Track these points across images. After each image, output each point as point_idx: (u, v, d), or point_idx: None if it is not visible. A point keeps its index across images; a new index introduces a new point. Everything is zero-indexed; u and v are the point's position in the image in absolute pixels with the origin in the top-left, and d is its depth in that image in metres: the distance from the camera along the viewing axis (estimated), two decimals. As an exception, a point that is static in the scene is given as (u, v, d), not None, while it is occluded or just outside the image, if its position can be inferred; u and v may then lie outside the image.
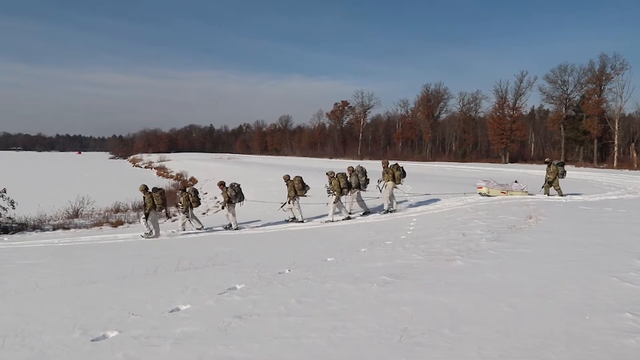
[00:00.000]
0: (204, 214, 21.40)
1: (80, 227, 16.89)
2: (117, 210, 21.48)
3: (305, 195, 14.99)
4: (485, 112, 74.38)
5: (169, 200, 25.21)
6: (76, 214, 19.94)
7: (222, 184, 14.86)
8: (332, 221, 14.04)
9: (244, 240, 11.55)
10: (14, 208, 16.38)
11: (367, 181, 14.92)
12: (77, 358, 3.63)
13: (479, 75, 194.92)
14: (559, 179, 15.87)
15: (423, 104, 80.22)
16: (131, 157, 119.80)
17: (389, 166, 14.69)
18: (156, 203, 13.39)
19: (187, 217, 14.42)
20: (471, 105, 77.63)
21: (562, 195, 15.47)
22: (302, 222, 14.38)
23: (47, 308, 5.30)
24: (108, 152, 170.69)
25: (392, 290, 5.14)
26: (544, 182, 16.42)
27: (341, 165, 53.30)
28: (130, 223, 17.78)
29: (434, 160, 68.98)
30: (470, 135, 74.97)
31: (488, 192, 15.87)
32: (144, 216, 13.46)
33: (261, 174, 36.28)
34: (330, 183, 14.49)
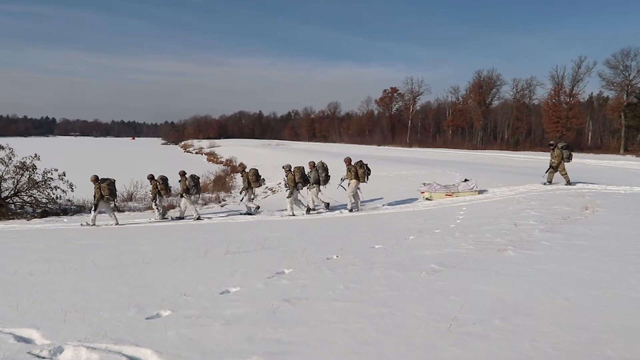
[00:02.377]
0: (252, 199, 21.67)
1: (134, 210, 17.44)
2: (169, 195, 22.04)
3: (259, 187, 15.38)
4: (540, 99, 72.04)
5: (219, 186, 25.74)
6: (130, 197, 20.60)
7: (182, 173, 14.59)
8: (293, 215, 13.86)
9: (291, 225, 11.64)
10: (72, 191, 17.09)
11: (327, 177, 14.57)
12: (133, 334, 3.76)
13: (534, 61, 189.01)
14: (565, 164, 14.83)
15: (475, 91, 78.36)
16: (182, 143, 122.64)
17: (351, 164, 14.34)
18: (103, 193, 13.37)
19: (156, 204, 14.47)
20: (525, 92, 75.13)
21: (569, 183, 14.62)
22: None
23: (104, 286, 5.52)
24: (160, 138, 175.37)
25: (441, 278, 5.09)
26: (549, 167, 15.32)
27: (390, 153, 52.85)
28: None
29: (485, 148, 67.40)
30: (524, 122, 72.66)
31: (430, 197, 15.08)
32: (93, 207, 13.63)
33: (308, 160, 36.41)
34: (286, 177, 14.41)
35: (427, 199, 15.10)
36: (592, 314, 3.85)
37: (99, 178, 13.71)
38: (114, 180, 13.84)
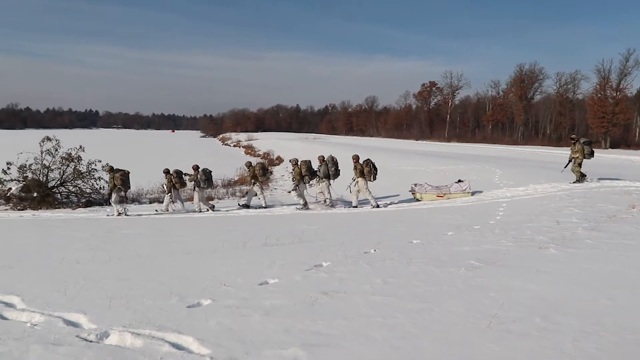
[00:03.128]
0: (289, 192, 21.82)
1: (173, 202, 17.80)
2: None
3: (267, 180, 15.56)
4: (584, 94, 69.86)
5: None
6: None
7: (195, 167, 14.86)
8: (304, 207, 13.95)
9: (328, 219, 11.69)
10: (115, 182, 17.53)
11: (337, 172, 14.51)
12: (175, 322, 3.86)
13: (579, 54, 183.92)
14: (585, 160, 14.55)
15: (516, 85, 76.57)
16: (220, 135, 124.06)
17: (359, 161, 14.17)
18: (115, 183, 13.78)
19: (171, 197, 14.70)
20: (569, 86, 72.92)
21: (579, 181, 14.39)
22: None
23: (146, 275, 5.67)
24: (199, 131, 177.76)
25: (480, 275, 5.03)
26: (568, 162, 15.05)
27: (428, 147, 52.29)
28: (219, 199, 18.49)
29: (525, 144, 65.94)
30: (567, 118, 70.65)
31: (421, 198, 14.71)
32: (109, 198, 14.11)
33: (345, 155, 36.39)
34: (293, 170, 14.37)
35: (417, 199, 14.78)
36: (637, 315, 3.75)
37: (114, 168, 14.22)
38: (128, 172, 14.29)
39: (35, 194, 16.07)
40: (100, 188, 17.62)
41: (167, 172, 15.06)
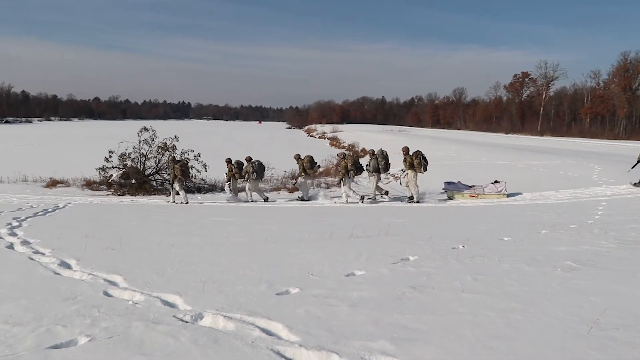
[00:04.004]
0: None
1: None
2: (293, 177, 22.78)
3: (315, 173, 15.50)
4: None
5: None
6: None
7: (249, 159, 15.19)
8: (347, 202, 13.86)
9: (414, 212, 11.53)
10: (206, 171, 18.27)
11: (387, 165, 14.36)
12: (265, 308, 3.95)
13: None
14: None
15: (619, 75, 71.28)
16: (306, 127, 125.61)
17: (408, 154, 13.82)
18: (176, 174, 14.47)
19: (230, 186, 15.38)
20: (681, 76, 67.05)
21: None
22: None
23: (236, 261, 5.86)
24: (285, 122, 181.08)
25: (578, 277, 4.75)
26: (637, 162, 14.20)
27: (519, 141, 50.16)
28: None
29: (628, 138, 61.39)
30: (677, 110, 64.98)
31: (452, 196, 14.00)
32: (172, 187, 14.83)
33: (430, 148, 35.72)
34: (339, 165, 14.34)
35: (449, 197, 14.24)
36: None
37: (175, 159, 15.26)
38: (187, 162, 15.43)
39: (133, 181, 17.07)
40: (192, 177, 18.41)
41: (229, 161, 15.74)
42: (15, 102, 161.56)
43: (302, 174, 15.08)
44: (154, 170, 18.60)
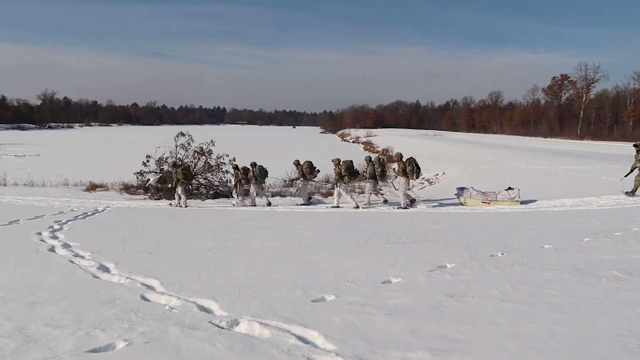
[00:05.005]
0: (409, 189, 21.53)
1: (294, 196, 18.28)
2: (327, 181, 22.76)
3: (314, 180, 15.50)
4: None
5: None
6: (291, 183, 21.64)
7: (253, 164, 15.51)
8: (338, 206, 14.12)
9: (450, 218, 11.34)
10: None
11: (383, 172, 14.52)
12: (300, 315, 3.92)
13: None
14: None
15: (664, 77, 69.05)
16: (340, 131, 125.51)
17: (401, 160, 14.15)
18: (178, 177, 14.84)
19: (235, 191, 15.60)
20: None
21: (632, 192, 13.12)
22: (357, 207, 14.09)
23: (271, 266, 5.85)
24: (319, 127, 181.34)
25: (625, 288, 4.56)
26: (630, 171, 13.81)
27: (557, 145, 49.01)
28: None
29: (673, 142, 59.20)
30: None
31: (465, 202, 13.83)
32: (174, 190, 15.18)
33: (466, 152, 35.21)
34: (334, 170, 14.42)
35: (461, 203, 14.13)
36: None
37: (176, 164, 15.67)
38: (189, 166, 15.96)
39: (170, 185, 17.33)
40: (227, 181, 18.59)
41: (235, 167, 16.20)
42: (57, 108, 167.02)
43: (302, 178, 15.32)
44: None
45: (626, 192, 13.64)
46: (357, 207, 13.91)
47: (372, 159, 14.75)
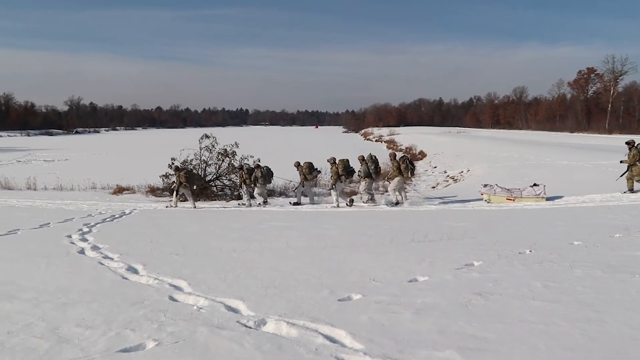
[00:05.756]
0: (434, 187, 21.42)
1: (317, 195, 18.29)
2: (351, 182, 22.68)
3: (314, 180, 15.59)
4: None
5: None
6: (315, 183, 21.63)
7: (257, 166, 15.78)
8: (337, 206, 14.13)
9: (476, 216, 11.22)
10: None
11: (377, 170, 14.56)
12: (327, 314, 3.92)
13: None
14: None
15: (695, 68, 67.18)
16: (362, 130, 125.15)
17: (395, 159, 14.39)
18: (181, 180, 15.19)
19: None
20: None
21: (630, 190, 12.97)
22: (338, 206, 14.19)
23: (297, 266, 5.86)
24: (341, 126, 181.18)
25: (660, 285, 4.45)
26: (626, 170, 13.46)
27: (585, 140, 48.12)
28: (361, 194, 18.59)
29: None
30: None
31: (489, 199, 13.62)
32: (174, 192, 15.54)
33: (491, 149, 34.78)
34: (331, 169, 14.58)
35: (485, 200, 13.92)
36: None
37: (179, 167, 15.98)
38: (191, 169, 16.26)
39: (194, 187, 17.50)
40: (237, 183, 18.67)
41: (240, 167, 16.50)
42: (84, 114, 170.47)
43: (303, 179, 15.44)
44: (215, 176, 19.01)
45: (625, 192, 13.36)
46: (337, 206, 14.15)
47: (365, 158, 14.81)
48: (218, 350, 3.26)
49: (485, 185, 14.55)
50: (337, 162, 14.66)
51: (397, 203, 14.04)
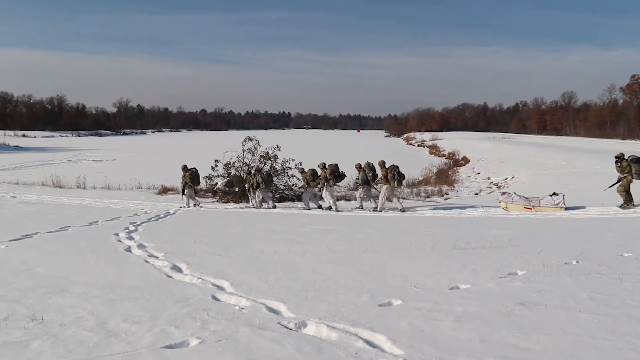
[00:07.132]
0: (477, 194, 21.07)
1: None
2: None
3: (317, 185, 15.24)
4: None
5: (442, 179, 25.54)
6: (356, 187, 21.61)
7: (258, 170, 16.10)
8: (333, 209, 14.44)
9: (520, 224, 10.97)
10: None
11: (375, 177, 14.66)
12: (367, 319, 3.93)
13: None
14: (631, 180, 12.60)
15: None
16: (404, 135, 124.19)
17: (384, 167, 14.37)
18: (186, 181, 15.82)
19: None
20: None
21: (625, 205, 12.39)
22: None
23: (337, 269, 5.88)
24: (383, 131, 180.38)
25: None
26: (617, 182, 13.15)
27: (637, 147, 46.41)
28: (404, 198, 18.48)
29: None
30: None
31: (507, 208, 13.24)
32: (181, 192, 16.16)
33: (537, 155, 33.95)
34: (320, 174, 14.87)
35: (504, 209, 13.61)
36: None
37: (186, 167, 16.34)
38: (196, 170, 16.46)
39: (237, 189, 17.75)
40: (292, 185, 18.80)
41: (248, 173, 16.86)
42: (132, 115, 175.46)
43: (306, 185, 15.58)
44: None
45: (620, 206, 12.77)
46: (334, 209, 14.42)
47: (362, 165, 15.02)
48: (260, 350, 3.31)
49: (504, 194, 14.49)
50: (326, 166, 15.00)
51: (379, 209, 14.24)
